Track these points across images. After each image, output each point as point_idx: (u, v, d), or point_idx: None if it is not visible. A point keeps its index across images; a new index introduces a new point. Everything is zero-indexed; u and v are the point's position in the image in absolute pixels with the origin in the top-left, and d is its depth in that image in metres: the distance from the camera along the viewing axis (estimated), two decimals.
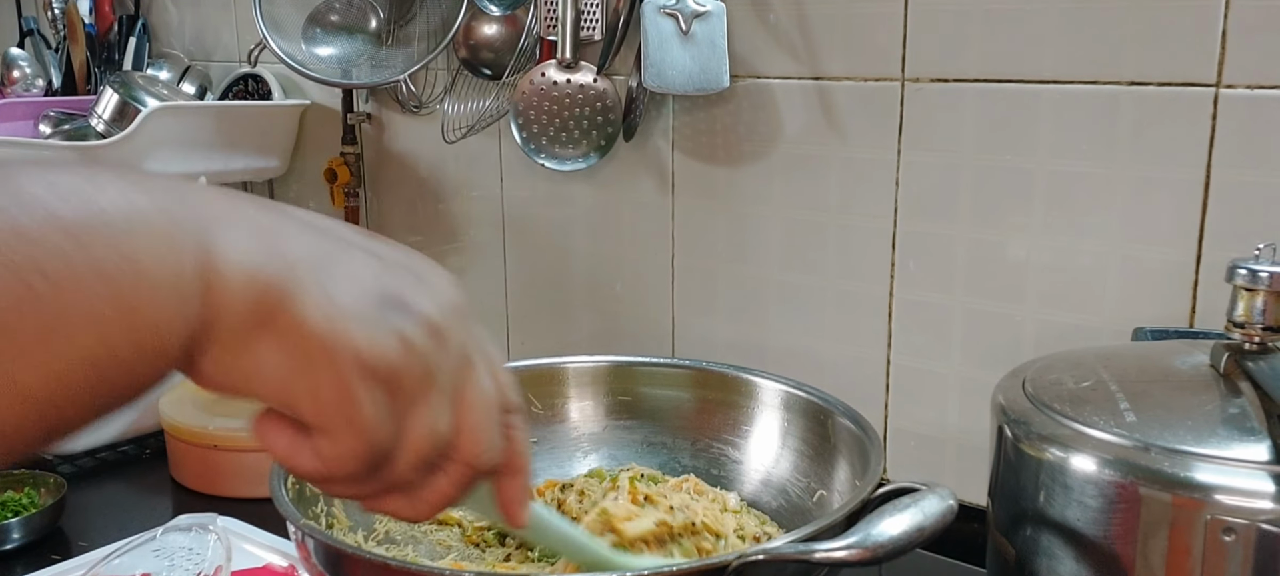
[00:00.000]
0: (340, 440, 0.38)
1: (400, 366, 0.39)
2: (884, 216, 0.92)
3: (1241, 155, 0.75)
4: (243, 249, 0.36)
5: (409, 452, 0.41)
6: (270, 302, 0.36)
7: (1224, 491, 0.50)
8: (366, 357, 0.37)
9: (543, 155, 1.07)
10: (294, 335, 0.37)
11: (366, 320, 0.38)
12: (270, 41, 1.16)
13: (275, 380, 0.37)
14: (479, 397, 0.43)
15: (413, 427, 0.40)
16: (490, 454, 0.44)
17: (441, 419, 0.41)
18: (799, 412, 0.82)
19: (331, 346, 0.37)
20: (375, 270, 0.40)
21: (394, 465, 0.40)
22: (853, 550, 0.56)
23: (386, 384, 0.38)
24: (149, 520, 0.84)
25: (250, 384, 0.37)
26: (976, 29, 0.84)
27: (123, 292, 0.33)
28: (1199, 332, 0.77)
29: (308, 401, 0.37)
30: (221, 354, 0.36)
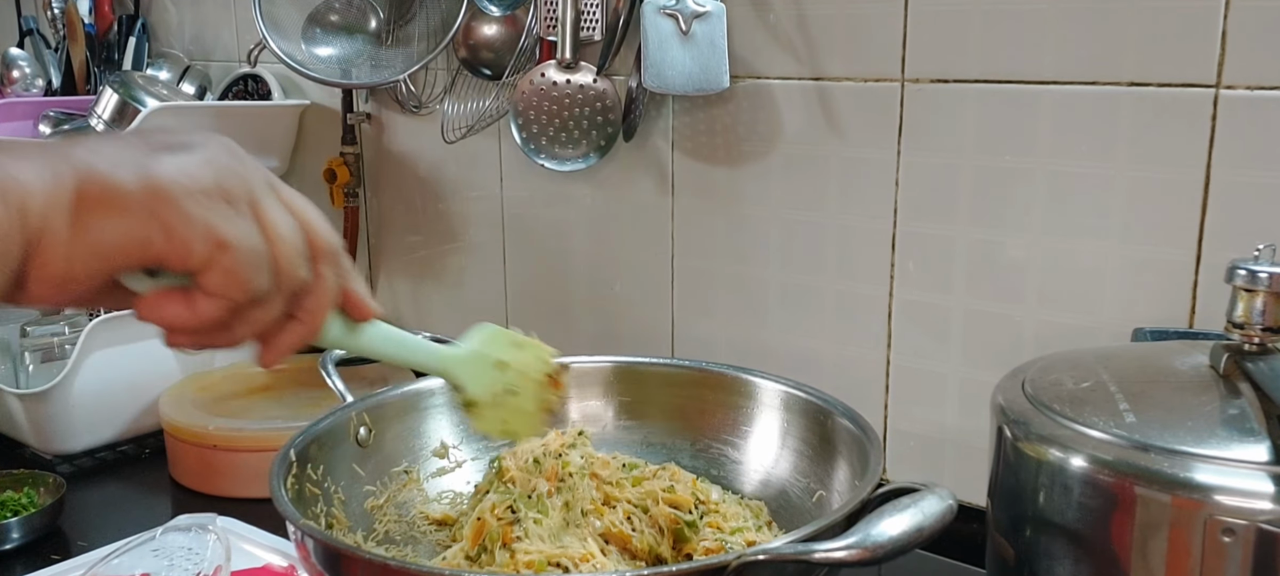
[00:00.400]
0: (215, 264, 0.44)
1: (220, 180, 0.45)
2: (884, 217, 0.92)
3: (1241, 156, 0.75)
4: (33, 164, 0.41)
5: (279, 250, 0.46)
6: (85, 188, 0.41)
7: (1223, 492, 0.50)
8: (190, 184, 0.43)
9: (542, 155, 1.07)
10: (118, 198, 0.42)
11: (170, 162, 0.44)
12: (270, 41, 1.16)
13: (125, 241, 0.42)
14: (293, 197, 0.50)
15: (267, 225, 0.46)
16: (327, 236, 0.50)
17: (281, 212, 0.47)
18: (799, 413, 0.83)
19: (158, 187, 0.43)
20: (157, 137, 0.46)
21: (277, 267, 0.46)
22: (852, 550, 0.56)
23: (220, 197, 0.44)
24: (148, 520, 0.84)
25: (105, 260, 0.42)
26: (976, 30, 0.84)
27: None
28: (1198, 333, 0.77)
29: (163, 240, 0.43)
30: (62, 250, 0.41)
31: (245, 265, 0.45)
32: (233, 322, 0.47)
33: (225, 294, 0.45)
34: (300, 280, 0.48)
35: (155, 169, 0.43)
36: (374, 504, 0.80)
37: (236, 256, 0.44)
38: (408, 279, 1.33)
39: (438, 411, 0.87)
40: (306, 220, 0.49)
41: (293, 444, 0.74)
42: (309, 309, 0.50)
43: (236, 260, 0.44)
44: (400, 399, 0.86)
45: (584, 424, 0.90)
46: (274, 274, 0.47)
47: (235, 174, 0.46)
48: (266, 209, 0.47)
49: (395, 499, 0.82)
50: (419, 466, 0.85)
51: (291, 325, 0.50)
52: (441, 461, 0.86)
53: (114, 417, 1.14)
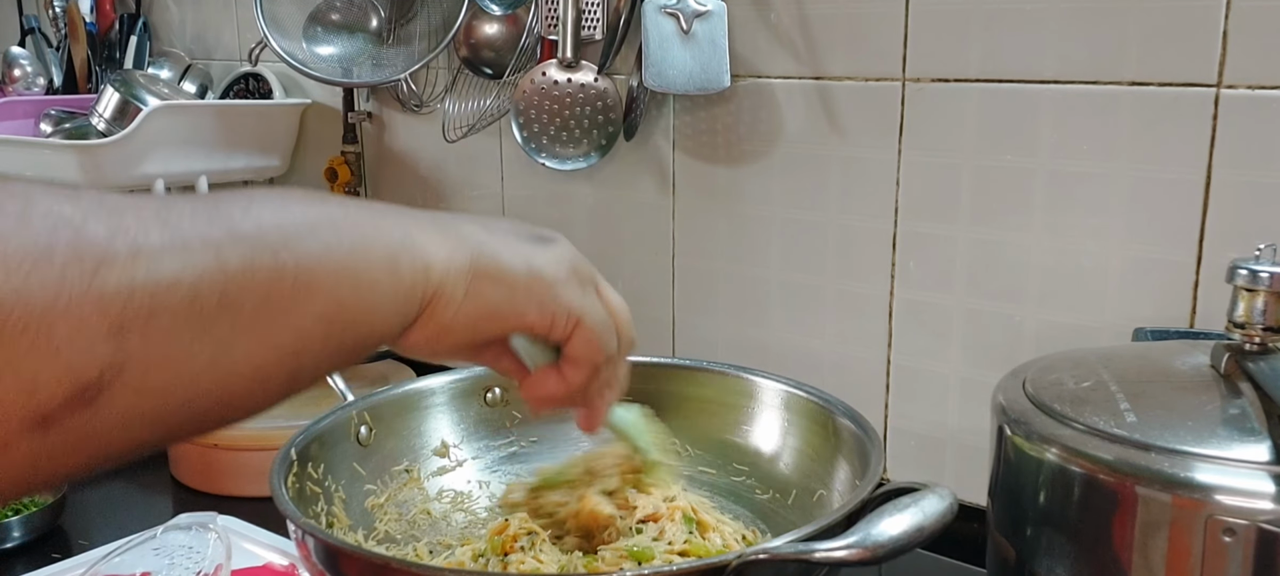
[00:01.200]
0: (577, 334, 0.54)
1: (576, 267, 0.55)
2: (885, 216, 0.92)
3: (1242, 155, 0.75)
4: (430, 230, 0.49)
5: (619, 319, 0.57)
6: (481, 264, 0.50)
7: (1224, 491, 0.50)
8: (556, 270, 0.53)
9: (543, 154, 1.07)
10: (508, 276, 0.51)
11: (536, 251, 0.53)
12: (271, 40, 1.17)
13: (507, 307, 0.51)
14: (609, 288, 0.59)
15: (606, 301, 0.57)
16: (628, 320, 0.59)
17: (614, 294, 0.58)
18: (799, 412, 0.82)
19: (533, 270, 0.52)
20: (518, 226, 0.55)
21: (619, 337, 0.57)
22: (853, 550, 0.56)
23: (577, 278, 0.54)
24: (149, 518, 0.84)
25: (485, 321, 0.51)
26: (977, 29, 0.84)
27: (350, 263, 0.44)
28: (1199, 333, 0.77)
29: (536, 313, 0.52)
30: (448, 303, 0.48)
31: (599, 332, 0.55)
32: (588, 387, 0.58)
33: (587, 358, 0.56)
34: (633, 344, 0.60)
35: (532, 254, 0.52)
36: (375, 503, 0.80)
37: (593, 326, 0.55)
38: None
39: (438, 410, 0.87)
40: (619, 304, 0.59)
41: (293, 443, 0.74)
42: (621, 375, 0.61)
43: (593, 329, 0.55)
44: (401, 398, 0.86)
45: None
46: (617, 339, 0.57)
47: (584, 264, 0.56)
48: (605, 290, 0.58)
49: (396, 498, 0.82)
50: (420, 465, 0.85)
51: (608, 391, 0.61)
52: (442, 460, 0.86)
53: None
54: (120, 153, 1.19)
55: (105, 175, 1.20)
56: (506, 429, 0.89)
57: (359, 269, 0.44)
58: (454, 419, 0.87)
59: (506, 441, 0.88)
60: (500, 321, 0.52)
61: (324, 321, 0.42)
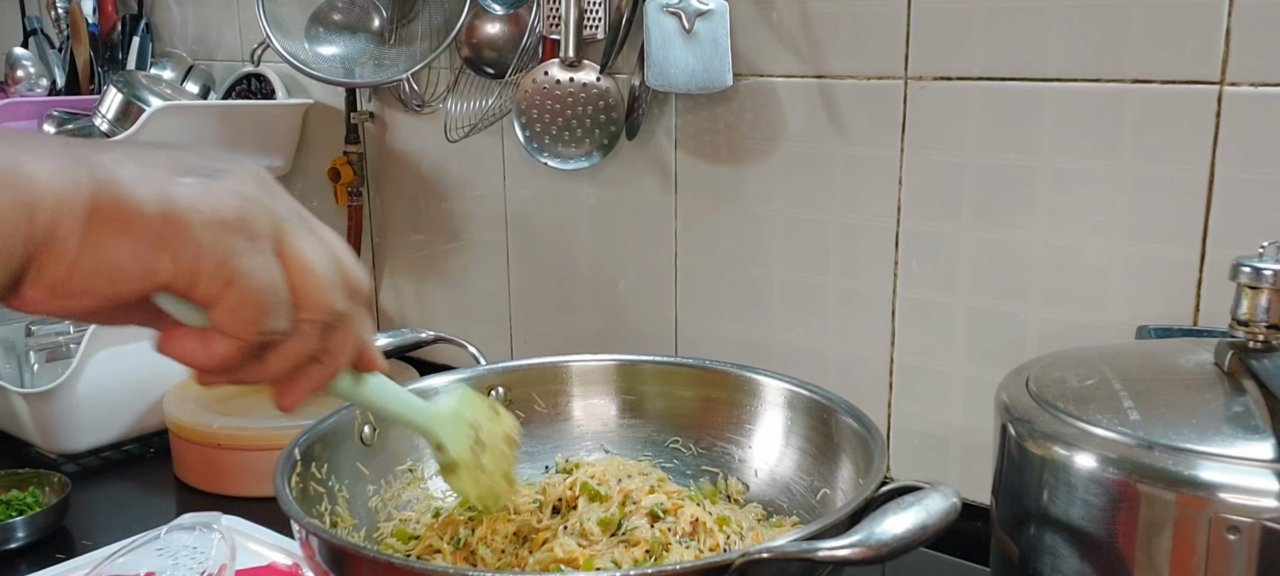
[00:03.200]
0: (223, 299, 0.42)
1: (244, 210, 0.42)
2: (887, 215, 0.92)
3: (1245, 153, 0.75)
4: (51, 162, 0.39)
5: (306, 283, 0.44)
6: (101, 202, 0.39)
7: (1228, 489, 0.50)
8: (208, 213, 0.41)
9: (546, 154, 1.07)
10: (136, 220, 0.40)
11: (193, 186, 0.41)
12: (273, 40, 1.17)
13: (134, 266, 0.40)
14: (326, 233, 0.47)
15: (292, 260, 0.44)
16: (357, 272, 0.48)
17: (311, 249, 0.45)
18: (802, 411, 0.82)
19: (171, 214, 0.40)
20: (185, 156, 0.43)
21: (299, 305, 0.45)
22: (856, 549, 0.56)
23: (240, 229, 0.42)
24: (153, 519, 0.84)
25: (109, 282, 0.40)
26: (979, 27, 0.84)
27: None
28: (1203, 331, 0.77)
29: (171, 268, 0.41)
30: (66, 258, 0.39)
31: (256, 303, 0.43)
32: (253, 362, 0.45)
33: (235, 333, 0.44)
34: (335, 313, 0.47)
35: (175, 191, 0.41)
36: (378, 502, 0.80)
37: (247, 293, 0.42)
38: (411, 278, 1.34)
39: None
40: (338, 254, 0.47)
41: (297, 442, 0.74)
42: (333, 349, 0.48)
43: (246, 297, 0.43)
44: None
45: (586, 421, 0.90)
46: (298, 310, 0.45)
47: (262, 205, 0.43)
48: (294, 243, 0.45)
49: (399, 497, 0.82)
50: (423, 465, 0.85)
51: (313, 367, 0.48)
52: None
53: (119, 416, 1.14)
54: None
55: None
56: None
57: None
58: None
59: None
60: (124, 281, 0.40)
61: None
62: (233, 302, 0.42)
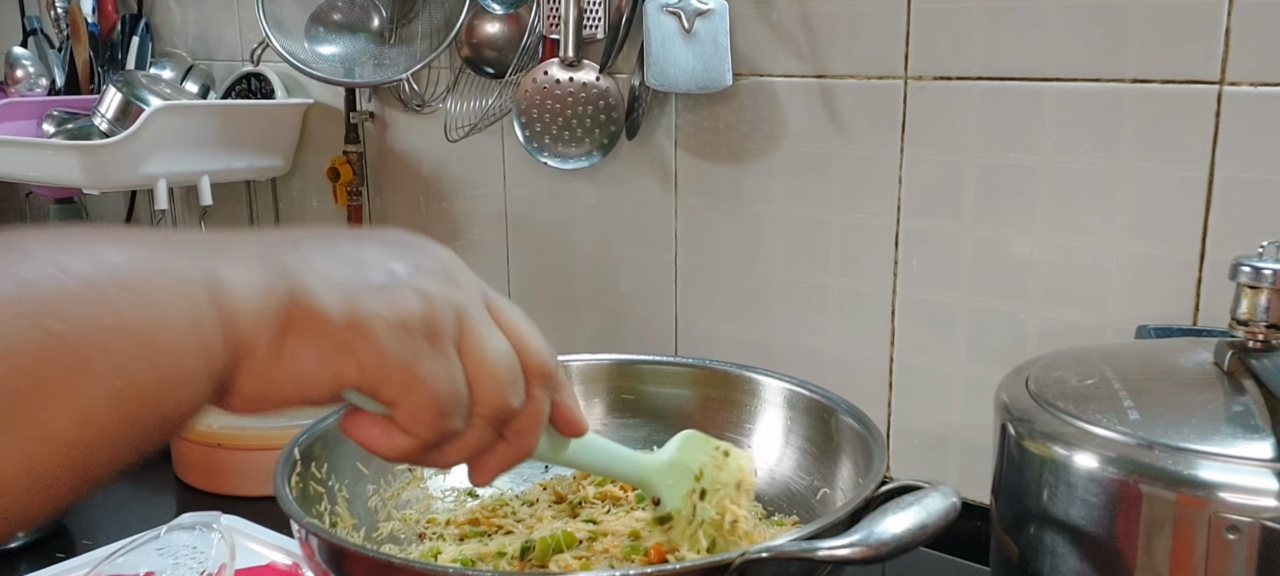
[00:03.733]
0: (404, 404, 0.43)
1: (427, 313, 0.42)
2: (887, 214, 0.92)
3: (1245, 152, 0.75)
4: (246, 271, 0.39)
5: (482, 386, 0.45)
6: (291, 309, 0.40)
7: (1228, 489, 0.50)
8: (392, 318, 0.41)
9: (546, 154, 1.07)
10: (322, 327, 0.40)
11: (378, 289, 0.42)
12: (273, 40, 1.17)
13: (321, 373, 0.41)
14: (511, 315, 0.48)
15: (473, 359, 0.44)
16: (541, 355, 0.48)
17: (491, 346, 0.45)
18: (802, 410, 0.82)
19: (357, 321, 0.41)
20: (372, 250, 0.44)
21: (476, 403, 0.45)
22: (856, 548, 0.56)
23: (423, 332, 0.42)
24: (153, 518, 0.84)
25: (299, 388, 0.41)
26: (979, 27, 0.84)
27: (139, 328, 0.35)
28: (1203, 330, 0.77)
29: (356, 376, 0.41)
30: (261, 370, 0.39)
31: (435, 407, 0.43)
32: (433, 451, 0.46)
33: (414, 432, 0.44)
34: (508, 410, 0.47)
35: (361, 297, 0.41)
36: (378, 502, 0.80)
37: (427, 399, 0.43)
38: None
39: None
40: (522, 341, 0.47)
41: (297, 442, 0.74)
42: (518, 432, 0.49)
43: (427, 401, 0.43)
44: None
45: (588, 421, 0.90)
46: (474, 406, 0.45)
47: (446, 303, 0.43)
48: (474, 341, 0.45)
49: (399, 497, 0.82)
50: None
51: (501, 446, 0.49)
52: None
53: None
54: (123, 153, 1.19)
55: (108, 175, 1.21)
56: None
57: (153, 332, 0.35)
58: None
59: None
60: (313, 386, 0.41)
61: (114, 403, 0.34)
62: (413, 406, 0.43)
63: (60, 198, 1.76)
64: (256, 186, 1.47)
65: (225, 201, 1.44)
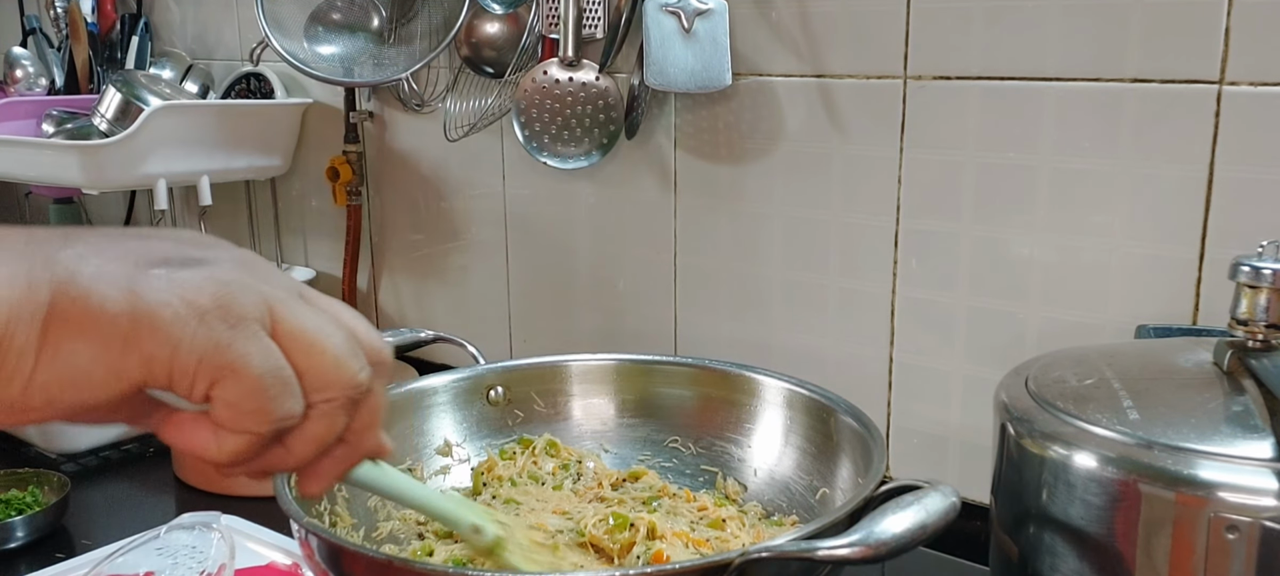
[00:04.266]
0: (217, 396, 0.38)
1: (224, 297, 0.38)
2: (886, 214, 0.92)
3: (1245, 152, 0.75)
4: (9, 269, 0.35)
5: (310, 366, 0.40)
6: (60, 305, 0.35)
7: (1227, 488, 0.50)
8: (182, 305, 0.37)
9: (545, 153, 1.07)
10: (98, 321, 0.36)
11: (164, 277, 0.37)
12: (272, 40, 1.17)
13: (99, 372, 0.36)
14: (330, 302, 0.43)
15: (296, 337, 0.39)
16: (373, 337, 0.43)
17: (313, 322, 0.40)
18: (802, 410, 0.82)
19: (139, 310, 0.36)
20: (159, 244, 0.39)
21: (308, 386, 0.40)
22: (856, 548, 0.56)
23: (221, 317, 0.37)
24: (152, 518, 0.84)
25: (73, 390, 0.36)
26: (979, 26, 0.84)
27: None
28: (1202, 330, 0.77)
29: (143, 372, 0.37)
30: (16, 369, 0.35)
31: (256, 391, 0.38)
32: (276, 449, 0.41)
33: (241, 427, 0.39)
34: (358, 385, 0.41)
35: (142, 285, 0.36)
36: (377, 502, 0.80)
37: (244, 385, 0.38)
38: (411, 277, 1.34)
39: (441, 409, 0.87)
40: (350, 322, 0.42)
41: None
42: (359, 427, 0.43)
43: (244, 389, 0.38)
44: (404, 397, 0.86)
45: (586, 420, 0.90)
46: (313, 392, 0.40)
47: (246, 287, 0.38)
48: (291, 320, 0.39)
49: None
50: (423, 464, 0.85)
51: (338, 448, 0.43)
52: (445, 459, 0.86)
53: None
54: (122, 153, 1.19)
55: (107, 175, 1.20)
56: (509, 427, 0.89)
57: None
58: (457, 418, 0.87)
59: (509, 440, 0.88)
60: (89, 388, 0.36)
61: None
62: (230, 396, 0.38)
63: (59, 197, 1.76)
64: (256, 186, 1.47)
65: (225, 201, 1.44)
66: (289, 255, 1.48)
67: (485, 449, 0.88)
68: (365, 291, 1.39)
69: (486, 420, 0.88)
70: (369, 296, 1.39)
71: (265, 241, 1.49)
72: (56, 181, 1.29)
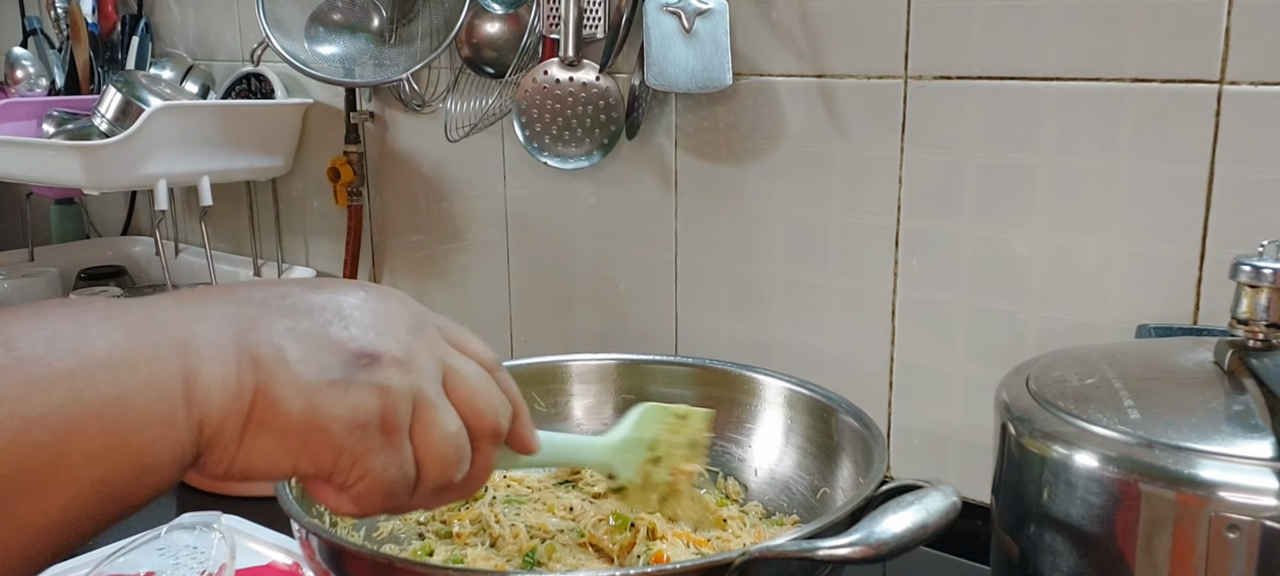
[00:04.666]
0: (353, 488, 0.46)
1: (384, 410, 0.45)
2: (887, 214, 0.92)
3: (1245, 151, 0.75)
4: (218, 360, 0.42)
5: (427, 466, 0.47)
6: (256, 405, 0.43)
7: (1228, 488, 0.50)
8: (350, 418, 0.44)
9: (546, 154, 1.07)
10: (284, 425, 0.43)
11: (341, 387, 0.44)
12: (273, 40, 1.17)
13: (279, 462, 0.44)
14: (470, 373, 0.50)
15: (419, 443, 0.47)
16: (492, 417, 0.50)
17: (441, 430, 0.47)
18: (802, 410, 0.82)
19: (316, 424, 0.44)
20: (345, 328, 0.46)
21: (423, 481, 0.48)
22: (856, 548, 0.56)
23: (378, 428, 0.45)
24: (153, 518, 0.84)
25: (261, 471, 0.44)
26: (979, 26, 0.84)
27: (116, 430, 0.38)
28: (1203, 329, 0.77)
29: (312, 468, 0.45)
30: (226, 456, 0.43)
31: (383, 493, 0.46)
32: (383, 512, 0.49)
33: (361, 510, 0.47)
34: (450, 484, 0.49)
35: (322, 402, 0.44)
36: None
37: (374, 487, 0.46)
38: (411, 277, 1.34)
39: None
40: (473, 406, 0.49)
41: None
42: (464, 483, 0.51)
43: (375, 488, 0.46)
44: None
45: (587, 420, 0.90)
46: (419, 482, 0.48)
47: (405, 395, 0.46)
48: (426, 425, 0.47)
49: None
50: None
51: (449, 492, 0.51)
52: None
53: None
54: (122, 153, 1.19)
55: (108, 176, 1.21)
56: None
57: (129, 433, 0.39)
58: None
59: None
60: (274, 473, 0.45)
61: (93, 493, 0.38)
62: (361, 492, 0.46)
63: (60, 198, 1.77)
64: (256, 186, 1.47)
65: (225, 201, 1.44)
66: (290, 255, 1.48)
67: None
68: None
69: None
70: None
71: (266, 241, 1.49)
72: (57, 182, 1.29)
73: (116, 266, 1.63)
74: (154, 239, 1.58)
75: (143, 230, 1.72)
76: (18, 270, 1.57)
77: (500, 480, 0.84)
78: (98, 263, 1.63)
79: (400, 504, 0.48)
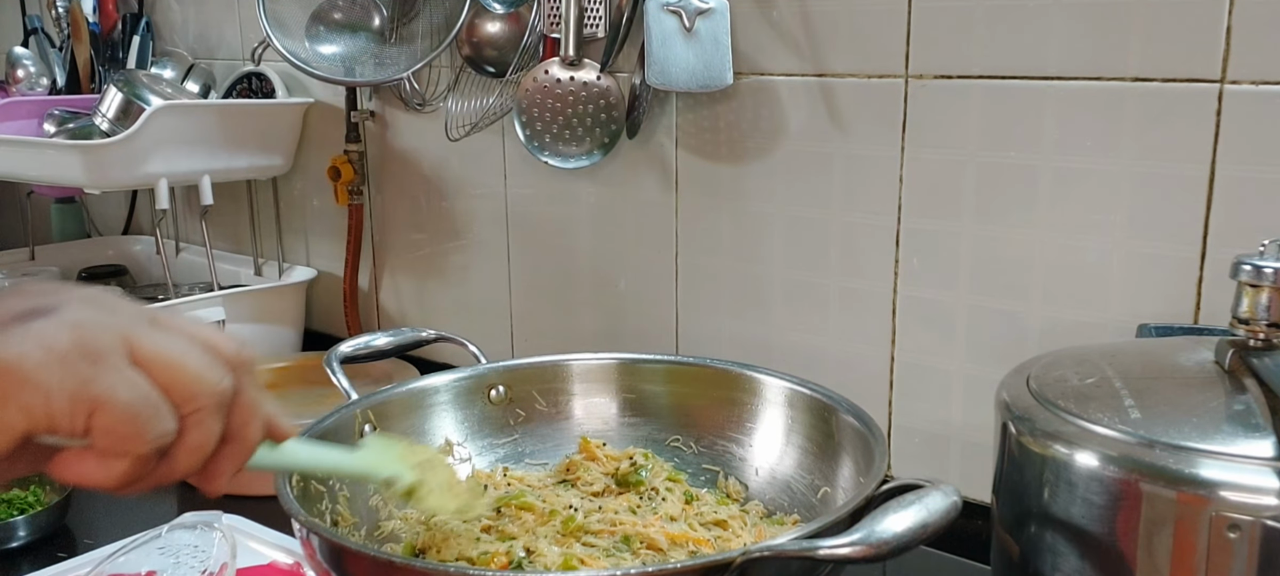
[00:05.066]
0: (95, 427, 0.42)
1: (81, 338, 0.41)
2: (888, 213, 0.92)
3: (1246, 151, 0.75)
4: None
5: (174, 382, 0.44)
6: None
7: (1229, 487, 0.50)
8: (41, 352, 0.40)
9: (546, 153, 1.07)
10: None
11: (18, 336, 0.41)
12: (274, 39, 1.17)
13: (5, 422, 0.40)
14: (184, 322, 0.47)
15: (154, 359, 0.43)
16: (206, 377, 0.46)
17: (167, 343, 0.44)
18: (803, 409, 0.82)
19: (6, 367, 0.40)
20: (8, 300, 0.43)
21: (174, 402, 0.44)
22: (857, 547, 0.56)
23: (82, 357, 0.41)
24: (154, 518, 0.85)
25: None
26: (980, 25, 0.84)
27: None
28: (1204, 329, 0.77)
29: (27, 421, 0.40)
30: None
31: (128, 417, 0.42)
32: (162, 465, 0.45)
33: (120, 449, 0.43)
34: (222, 392, 0.46)
35: (4, 346, 0.40)
36: (378, 501, 0.80)
37: (114, 412, 0.42)
38: (412, 277, 1.34)
39: (443, 409, 0.87)
40: (205, 336, 0.47)
41: None
42: (238, 426, 0.48)
43: (115, 416, 0.42)
44: (405, 396, 0.86)
45: (587, 420, 0.90)
46: (181, 405, 0.44)
47: (99, 325, 0.42)
48: (147, 346, 0.43)
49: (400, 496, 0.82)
50: None
51: (227, 448, 0.48)
52: (447, 459, 0.86)
53: None
54: (123, 152, 1.19)
55: (109, 175, 1.21)
56: (510, 427, 0.89)
57: None
58: (458, 417, 0.88)
59: (510, 439, 0.89)
60: (7, 443, 0.40)
61: None
62: (105, 426, 0.42)
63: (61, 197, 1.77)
64: (257, 185, 1.47)
65: (226, 200, 1.44)
66: (291, 255, 1.48)
67: (486, 448, 0.88)
68: (366, 290, 1.39)
69: (488, 419, 0.89)
70: (370, 296, 1.39)
71: (267, 240, 1.49)
72: (58, 181, 1.29)
73: (117, 266, 1.64)
74: (155, 238, 1.58)
75: (143, 229, 1.72)
76: (18, 269, 1.57)
77: (500, 478, 0.84)
78: (98, 262, 1.63)
79: (163, 435, 0.44)
